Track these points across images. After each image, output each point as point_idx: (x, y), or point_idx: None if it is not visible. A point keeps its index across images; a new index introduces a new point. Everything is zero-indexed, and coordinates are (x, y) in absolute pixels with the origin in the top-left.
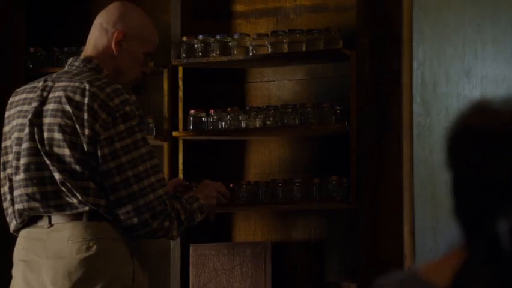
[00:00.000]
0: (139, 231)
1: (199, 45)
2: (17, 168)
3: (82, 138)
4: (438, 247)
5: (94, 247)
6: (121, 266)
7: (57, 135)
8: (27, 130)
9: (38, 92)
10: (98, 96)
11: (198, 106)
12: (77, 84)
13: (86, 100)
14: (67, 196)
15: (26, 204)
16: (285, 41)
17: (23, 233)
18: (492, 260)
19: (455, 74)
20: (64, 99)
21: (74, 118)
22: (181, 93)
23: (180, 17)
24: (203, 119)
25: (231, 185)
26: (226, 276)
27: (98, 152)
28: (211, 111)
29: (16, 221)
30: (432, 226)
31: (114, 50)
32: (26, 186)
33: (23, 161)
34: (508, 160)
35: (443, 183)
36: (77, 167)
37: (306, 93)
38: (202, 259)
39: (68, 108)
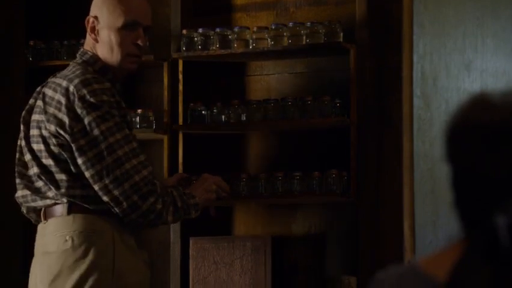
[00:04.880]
0: (131, 215)
1: (199, 38)
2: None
3: (55, 132)
4: (437, 240)
5: (70, 240)
6: (98, 259)
7: (36, 132)
8: (21, 127)
9: (38, 88)
10: (69, 89)
11: (197, 99)
12: (58, 81)
13: (57, 95)
14: (46, 190)
15: (24, 202)
16: (285, 34)
17: (37, 229)
18: (491, 253)
19: (455, 68)
20: (42, 96)
21: (47, 113)
22: (181, 87)
23: (180, 10)
24: (203, 112)
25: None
26: (226, 270)
27: (74, 144)
28: (211, 105)
29: (32, 218)
30: (432, 220)
31: (92, 37)
32: (20, 184)
33: (17, 159)
34: (508, 154)
35: (443, 177)
36: (50, 161)
37: (306, 86)
38: (202, 252)
39: (42, 104)
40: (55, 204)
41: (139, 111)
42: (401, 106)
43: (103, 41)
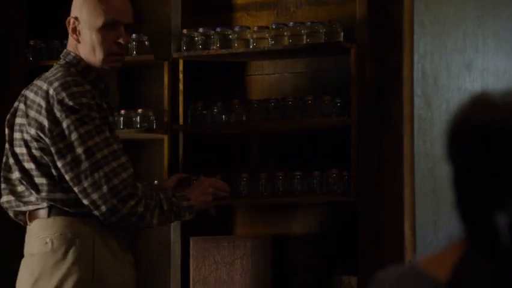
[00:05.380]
0: (111, 219)
1: (199, 38)
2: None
3: (35, 135)
4: (438, 240)
5: (50, 243)
6: (77, 261)
7: (18, 135)
8: (6, 131)
9: (23, 91)
10: (48, 93)
11: (198, 99)
12: (39, 83)
13: (37, 99)
14: (28, 195)
15: (9, 207)
16: (285, 33)
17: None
18: (491, 253)
19: (456, 67)
20: (24, 99)
21: (29, 116)
22: (181, 86)
23: (180, 9)
24: (203, 112)
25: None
26: (227, 269)
27: (53, 148)
28: (212, 105)
29: (21, 220)
30: (433, 219)
31: (74, 37)
32: (5, 189)
33: (3, 163)
34: (508, 153)
35: (443, 177)
36: (32, 165)
37: (307, 86)
38: (203, 252)
39: (23, 107)
40: (38, 209)
41: (140, 111)
42: (402, 106)
43: (84, 41)
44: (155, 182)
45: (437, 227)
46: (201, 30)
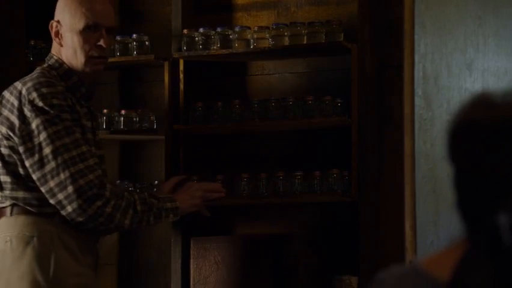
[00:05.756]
0: (77, 219)
1: (200, 38)
2: None
3: (6, 134)
4: (439, 240)
5: (9, 242)
6: (35, 261)
7: None
8: None
9: (3, 92)
10: (21, 92)
11: (198, 99)
12: (16, 83)
13: (11, 98)
14: None
15: None
16: (286, 34)
17: None
18: (493, 253)
19: (456, 67)
20: (1, 98)
21: (2, 115)
22: (181, 86)
23: (181, 9)
24: (204, 112)
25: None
26: (227, 270)
27: (22, 147)
28: (212, 105)
29: None
30: (434, 220)
31: (57, 41)
32: None
33: None
34: (509, 153)
35: (444, 177)
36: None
37: (307, 86)
38: (203, 252)
39: (1, 107)
40: (2, 207)
41: (140, 111)
42: (402, 106)
43: (66, 45)
44: (156, 182)
45: (437, 227)
46: (201, 30)
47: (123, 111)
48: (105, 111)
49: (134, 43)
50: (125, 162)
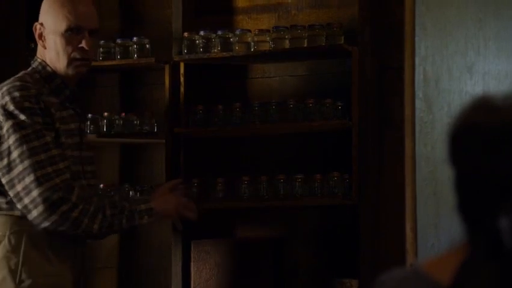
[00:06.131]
0: (43, 223)
1: (200, 41)
2: None
3: None
4: (439, 243)
5: None
6: (2, 261)
7: None
8: None
9: None
10: None
11: (199, 102)
12: None
13: None
14: None
15: None
16: (286, 36)
17: None
18: (494, 256)
19: (457, 70)
20: None
21: None
22: (182, 89)
23: (182, 12)
24: (204, 115)
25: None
26: (228, 273)
27: None
28: (213, 108)
29: None
30: (434, 223)
31: (40, 43)
32: None
33: None
34: (510, 156)
35: (445, 180)
36: None
37: (308, 89)
38: (204, 255)
39: None
40: None
41: (140, 114)
42: (403, 108)
43: (50, 47)
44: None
45: (438, 229)
46: (201, 33)
47: (123, 114)
48: (106, 114)
49: (135, 46)
50: (126, 165)
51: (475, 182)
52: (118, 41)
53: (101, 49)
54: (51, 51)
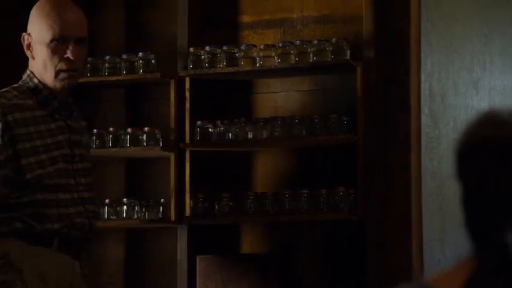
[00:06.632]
0: None
1: (206, 56)
2: None
3: None
4: (446, 258)
5: None
6: None
7: None
8: None
9: None
10: None
11: (204, 117)
12: None
13: None
14: None
15: None
16: (292, 52)
17: None
18: (501, 271)
19: (463, 86)
20: None
21: None
22: (188, 104)
23: (187, 27)
24: (210, 130)
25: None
26: None
27: None
28: (218, 122)
29: None
30: (440, 237)
31: (29, 54)
32: None
33: None
34: None
35: (451, 195)
36: None
37: (313, 104)
38: (209, 270)
39: None
40: None
41: (146, 129)
42: (408, 124)
43: (37, 58)
44: (162, 200)
45: (444, 245)
46: (207, 48)
47: (129, 129)
48: (111, 129)
49: (141, 61)
50: (132, 179)
51: (482, 197)
52: (124, 56)
53: (107, 64)
54: (39, 62)
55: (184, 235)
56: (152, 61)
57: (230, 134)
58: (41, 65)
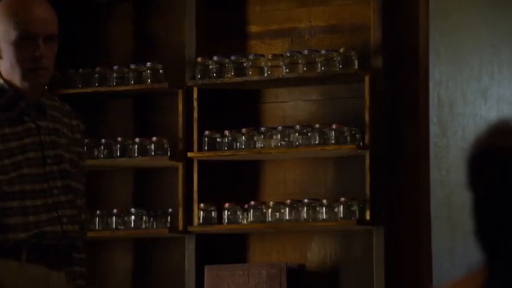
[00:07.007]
0: None
1: (214, 66)
2: None
3: None
4: (455, 268)
5: None
6: None
7: None
8: None
9: None
10: None
11: (212, 127)
12: None
13: None
14: None
15: None
16: (300, 61)
17: None
18: None
19: (471, 95)
20: None
21: None
22: (195, 114)
23: (195, 37)
24: (218, 139)
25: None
26: None
27: None
28: (226, 132)
29: None
30: (449, 247)
31: None
32: None
33: None
34: None
35: (460, 204)
36: None
37: (322, 113)
38: (217, 280)
39: None
40: None
41: (154, 138)
42: (417, 133)
43: (5, 57)
44: (170, 210)
45: (453, 254)
46: (215, 58)
47: (137, 139)
48: (119, 138)
49: (148, 71)
50: (139, 189)
51: (493, 206)
52: (132, 66)
53: (114, 74)
54: (7, 62)
55: (192, 245)
56: (160, 71)
57: (238, 144)
58: (8, 65)
